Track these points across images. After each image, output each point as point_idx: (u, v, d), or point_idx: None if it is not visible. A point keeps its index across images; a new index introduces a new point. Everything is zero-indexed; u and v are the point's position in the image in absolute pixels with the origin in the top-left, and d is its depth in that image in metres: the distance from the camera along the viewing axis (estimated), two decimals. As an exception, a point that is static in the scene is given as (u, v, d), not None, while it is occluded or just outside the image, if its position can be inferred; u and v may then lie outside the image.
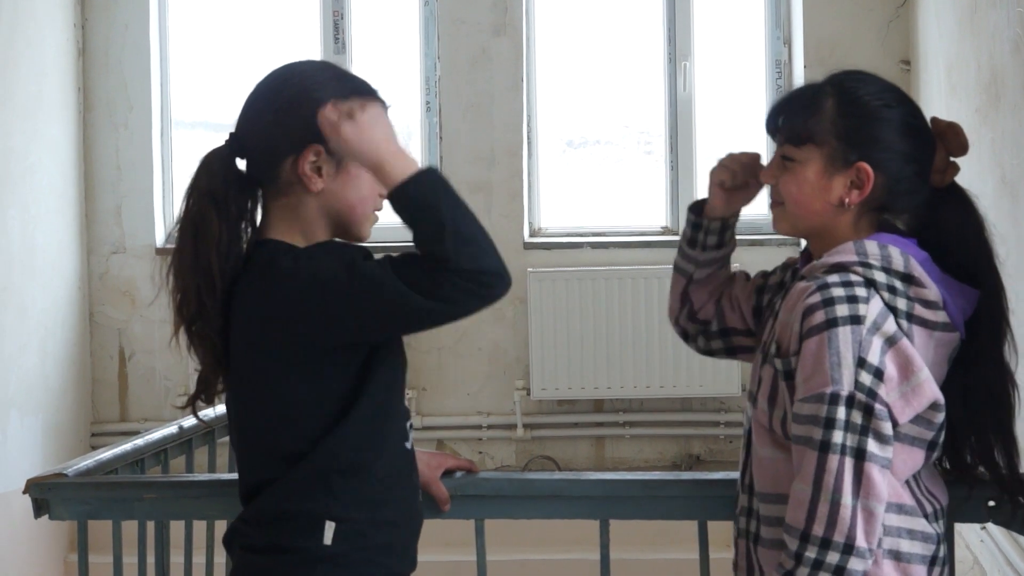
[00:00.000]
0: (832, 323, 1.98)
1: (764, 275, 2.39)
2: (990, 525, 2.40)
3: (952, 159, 2.17)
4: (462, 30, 5.53)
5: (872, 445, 1.97)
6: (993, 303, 2.14)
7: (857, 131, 2.09)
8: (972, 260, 2.13)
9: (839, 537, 1.95)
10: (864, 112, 2.10)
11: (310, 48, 5.59)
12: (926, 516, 2.09)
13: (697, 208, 2.38)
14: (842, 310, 1.99)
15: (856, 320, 1.98)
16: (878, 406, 1.97)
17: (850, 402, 1.97)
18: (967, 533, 4.28)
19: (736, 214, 2.37)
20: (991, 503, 2.33)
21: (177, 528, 2.79)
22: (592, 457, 5.60)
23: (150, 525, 2.70)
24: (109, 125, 5.60)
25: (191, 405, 2.19)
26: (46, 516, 2.60)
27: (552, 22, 5.70)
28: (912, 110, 2.14)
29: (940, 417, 2.05)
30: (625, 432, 5.58)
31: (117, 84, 5.60)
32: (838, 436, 1.96)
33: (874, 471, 1.96)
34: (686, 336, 2.47)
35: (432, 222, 1.92)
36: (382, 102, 2.12)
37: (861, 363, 1.97)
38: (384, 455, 2.09)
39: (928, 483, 2.14)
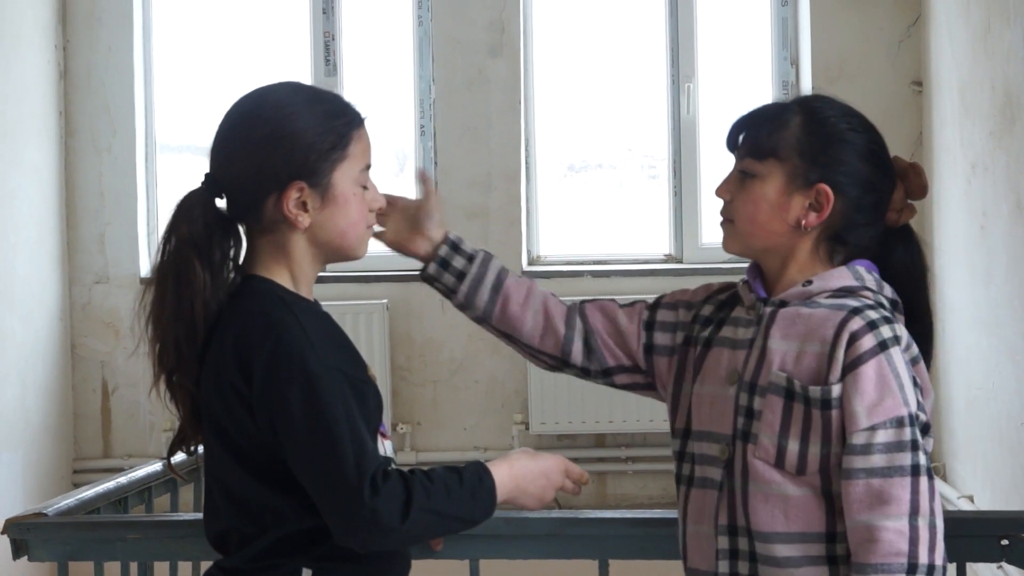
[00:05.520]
0: (883, 345, 1.97)
1: (651, 309, 2.28)
2: (1005, 564, 2.50)
3: (910, 201, 2.16)
4: (457, 51, 5.50)
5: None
6: (925, 342, 2.14)
7: (821, 151, 2.06)
8: (915, 301, 2.14)
9: (939, 560, 1.91)
10: (830, 132, 2.08)
11: (300, 70, 5.56)
12: None
13: (423, 273, 2.31)
14: (887, 331, 1.98)
15: (898, 341, 1.99)
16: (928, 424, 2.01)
17: (912, 421, 1.96)
18: (982, 572, 4.25)
19: (443, 240, 2.28)
20: (1004, 542, 2.32)
21: (162, 569, 2.74)
22: (594, 494, 5.52)
23: (133, 566, 2.68)
24: (92, 150, 5.55)
25: (169, 456, 2.17)
26: (25, 557, 2.57)
27: (551, 42, 5.69)
28: (877, 139, 2.12)
29: None
30: (628, 468, 5.52)
31: (100, 107, 5.55)
32: (922, 458, 1.94)
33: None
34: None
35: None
36: (358, 116, 2.06)
37: (914, 382, 1.99)
38: None
39: None
